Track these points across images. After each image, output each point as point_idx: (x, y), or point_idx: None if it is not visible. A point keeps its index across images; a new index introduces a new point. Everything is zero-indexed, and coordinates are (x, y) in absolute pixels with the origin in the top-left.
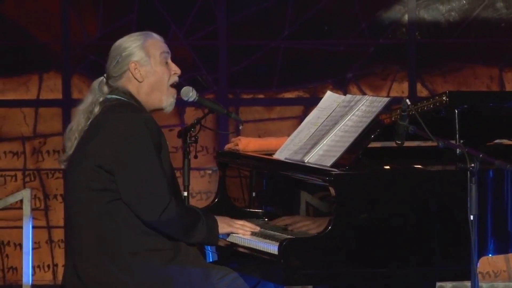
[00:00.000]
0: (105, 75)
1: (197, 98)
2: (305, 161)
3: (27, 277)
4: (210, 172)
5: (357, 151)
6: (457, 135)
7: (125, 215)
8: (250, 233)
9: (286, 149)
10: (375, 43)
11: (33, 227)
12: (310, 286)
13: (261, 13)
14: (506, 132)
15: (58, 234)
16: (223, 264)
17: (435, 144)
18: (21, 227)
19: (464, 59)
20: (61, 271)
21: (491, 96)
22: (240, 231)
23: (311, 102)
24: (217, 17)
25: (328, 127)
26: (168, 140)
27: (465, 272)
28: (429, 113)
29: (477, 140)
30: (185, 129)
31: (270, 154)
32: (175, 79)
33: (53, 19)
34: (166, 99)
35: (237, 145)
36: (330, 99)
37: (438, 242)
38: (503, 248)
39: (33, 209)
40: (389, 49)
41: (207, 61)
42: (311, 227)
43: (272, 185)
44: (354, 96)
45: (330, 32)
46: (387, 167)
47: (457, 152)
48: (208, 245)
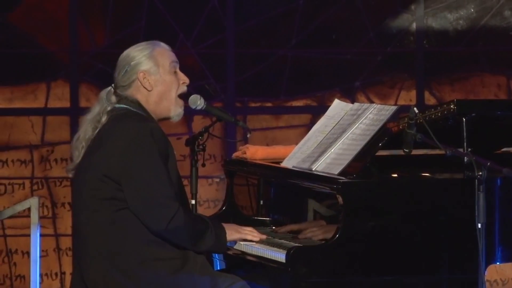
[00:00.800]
0: (113, 84)
1: (205, 106)
2: (313, 169)
3: (35, 285)
4: (217, 180)
5: (365, 159)
6: (465, 143)
7: (132, 224)
8: (259, 239)
9: (294, 157)
10: (383, 51)
11: (40, 235)
12: None
13: (269, 21)
14: None
15: (66, 242)
16: (231, 272)
17: (442, 152)
18: (29, 235)
19: (472, 68)
20: (68, 279)
21: (498, 104)
22: (248, 237)
23: (319, 110)
24: (225, 26)
25: (335, 135)
26: (176, 149)
27: (473, 280)
28: (436, 121)
29: (485, 148)
30: (193, 137)
31: (278, 162)
32: (184, 88)
33: (61, 28)
34: (174, 109)
35: (245, 153)
36: (337, 107)
37: (446, 251)
38: (511, 256)
39: (41, 217)
40: (397, 57)
41: (215, 69)
42: (318, 233)
43: (280, 193)
44: (362, 104)
45: (338, 40)
46: (395, 175)
47: (465, 160)
48: (216, 253)
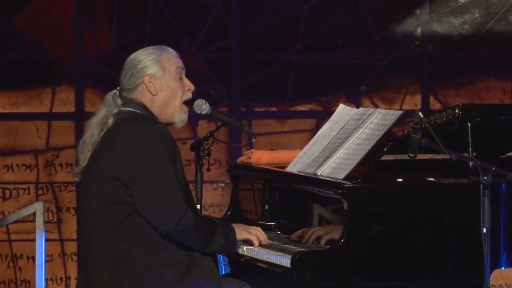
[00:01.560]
0: (118, 87)
1: (210, 111)
2: (318, 174)
3: None
4: (223, 185)
5: (370, 164)
6: (470, 148)
7: (139, 228)
8: (265, 242)
9: (299, 162)
10: (388, 56)
11: (45, 240)
12: None
13: (274, 26)
14: None
15: (71, 247)
16: (236, 277)
17: (448, 157)
18: (34, 240)
19: (477, 72)
20: (73, 284)
21: (503, 109)
22: (256, 242)
23: (324, 115)
24: (230, 30)
25: (340, 140)
26: (181, 153)
27: (478, 285)
28: (442, 126)
29: (490, 153)
30: (198, 142)
31: (283, 167)
32: (189, 95)
33: (66, 32)
34: (178, 115)
35: (250, 158)
36: (342, 112)
37: (451, 255)
38: None
39: (46, 222)
40: (402, 62)
41: (220, 74)
42: (322, 235)
43: (285, 198)
44: (367, 109)
45: (343, 45)
46: (400, 180)
47: (470, 165)
48: (227, 254)
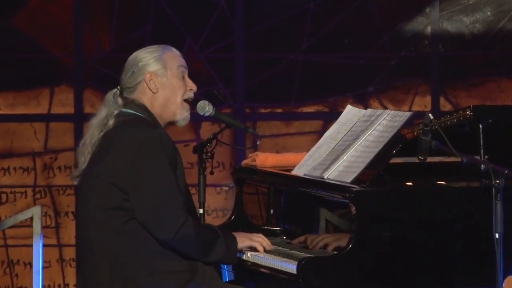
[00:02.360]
0: (119, 86)
1: (213, 112)
2: (325, 177)
3: None
4: (226, 188)
5: (378, 167)
6: (482, 151)
7: (139, 235)
8: (269, 248)
9: (305, 164)
10: (397, 56)
11: (43, 246)
12: None
13: (279, 25)
14: None
15: (69, 253)
16: (240, 283)
17: (459, 159)
18: (31, 246)
19: (488, 72)
20: None
21: None
22: (260, 248)
23: (331, 116)
24: (234, 30)
25: (348, 142)
26: (183, 156)
27: None
28: (452, 128)
29: (502, 156)
30: (201, 144)
31: (289, 170)
32: (190, 95)
33: (65, 32)
34: (180, 113)
35: (255, 160)
36: (350, 113)
37: (462, 261)
38: None
39: (44, 227)
40: (411, 62)
41: (223, 74)
42: (329, 241)
43: (291, 202)
44: (375, 110)
45: (350, 45)
46: (409, 183)
47: (482, 168)
48: (227, 263)
